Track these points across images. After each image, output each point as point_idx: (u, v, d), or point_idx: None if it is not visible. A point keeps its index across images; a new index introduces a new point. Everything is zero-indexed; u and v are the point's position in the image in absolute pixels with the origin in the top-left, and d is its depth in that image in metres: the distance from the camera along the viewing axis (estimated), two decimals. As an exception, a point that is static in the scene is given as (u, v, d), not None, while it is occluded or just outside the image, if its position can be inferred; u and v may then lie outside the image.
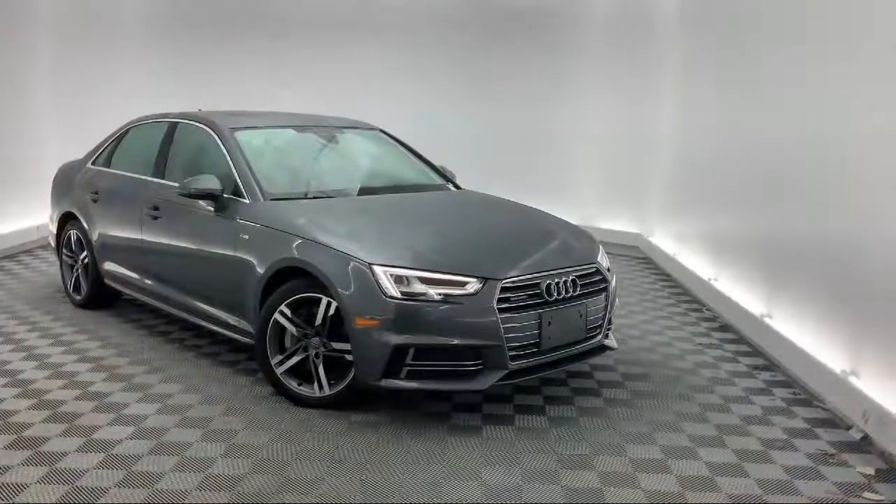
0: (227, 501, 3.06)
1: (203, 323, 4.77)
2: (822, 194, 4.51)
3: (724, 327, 5.74)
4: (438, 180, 5.49)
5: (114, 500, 3.04)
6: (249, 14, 9.55)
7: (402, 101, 9.14)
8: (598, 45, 8.98)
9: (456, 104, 9.29)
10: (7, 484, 3.16)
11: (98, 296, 5.79)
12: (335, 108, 7.13)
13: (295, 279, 4.05)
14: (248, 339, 4.40)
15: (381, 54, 9.41)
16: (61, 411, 3.92)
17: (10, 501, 3.02)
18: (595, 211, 8.98)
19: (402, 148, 5.73)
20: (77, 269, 5.91)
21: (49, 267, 7.40)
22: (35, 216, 8.42)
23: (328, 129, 5.55)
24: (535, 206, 5.15)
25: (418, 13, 9.33)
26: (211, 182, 4.48)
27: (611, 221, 8.91)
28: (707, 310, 6.22)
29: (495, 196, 5.34)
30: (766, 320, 5.11)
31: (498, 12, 9.21)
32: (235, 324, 4.47)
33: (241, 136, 4.88)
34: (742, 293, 5.68)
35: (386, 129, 5.87)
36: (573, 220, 5.17)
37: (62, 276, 6.17)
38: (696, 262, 6.91)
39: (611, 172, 9.02)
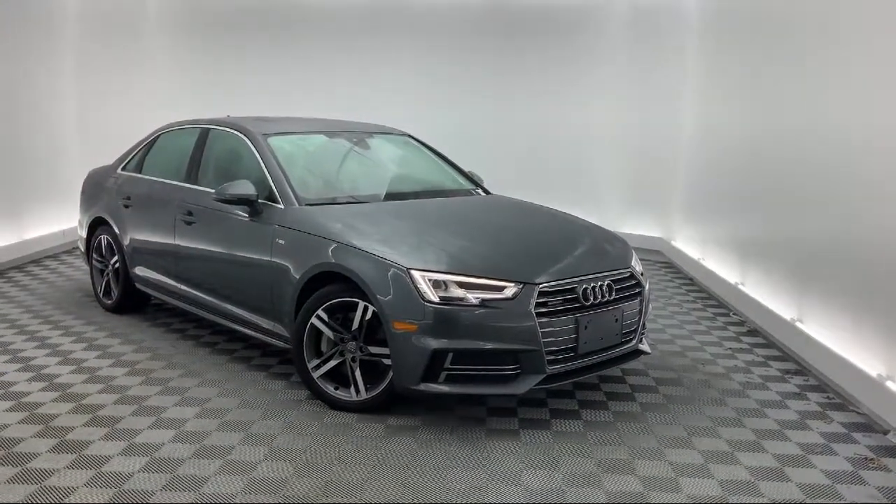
0: (273, 505, 3.09)
1: (237, 327, 4.81)
2: (853, 193, 4.49)
3: (753, 332, 5.73)
4: (467, 185, 5.51)
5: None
6: (272, 19, 9.60)
7: (421, 105, 9.18)
8: (619, 46, 8.99)
9: (475, 107, 9.31)
10: (55, 487, 3.19)
11: (128, 300, 5.84)
12: (357, 113, 7.17)
13: (332, 284, 4.08)
14: (282, 344, 4.44)
15: (402, 58, 9.45)
16: (101, 415, 3.96)
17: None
18: (616, 215, 8.98)
19: (430, 153, 5.76)
20: (107, 274, 5.95)
21: (76, 272, 7.46)
22: (60, 221, 8.49)
23: (358, 135, 5.58)
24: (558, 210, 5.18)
25: (439, 16, 9.36)
26: (246, 187, 4.52)
27: (632, 225, 8.90)
28: (734, 314, 6.21)
29: (525, 201, 5.36)
30: (798, 324, 5.10)
31: (518, 14, 9.23)
32: (270, 328, 4.50)
33: (274, 142, 4.92)
34: (771, 297, 5.67)
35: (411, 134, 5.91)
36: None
37: (92, 280, 6.22)
38: (722, 266, 6.90)
39: (632, 176, 9.03)
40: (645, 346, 4.40)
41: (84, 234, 6.25)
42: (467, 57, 9.35)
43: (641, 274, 4.41)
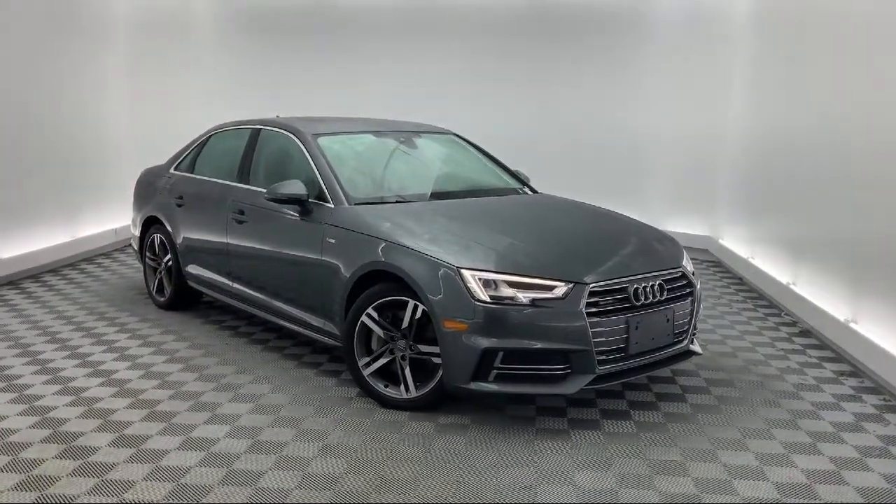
0: (328, 501, 3.12)
1: (287, 324, 4.87)
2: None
3: (806, 332, 5.64)
4: (514, 184, 5.51)
5: (219, 498, 3.13)
6: (319, 21, 9.67)
7: (467, 104, 9.17)
8: (665, 43, 8.89)
9: (521, 107, 9.29)
10: (115, 481, 3.27)
11: (180, 298, 5.95)
12: (404, 113, 7.20)
13: (382, 282, 4.11)
14: (332, 341, 4.49)
15: (448, 58, 9.44)
16: (158, 410, 4.04)
17: (120, 498, 3.13)
18: (662, 213, 8.87)
19: (476, 152, 5.77)
20: (160, 272, 6.08)
21: (127, 269, 7.62)
22: (112, 219, 8.68)
23: (405, 134, 5.61)
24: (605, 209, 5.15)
25: (485, 17, 9.35)
26: (297, 187, 4.58)
27: (679, 224, 8.78)
28: (786, 314, 6.12)
29: (573, 199, 5.35)
30: (852, 325, 5.00)
31: (564, 15, 9.18)
32: (320, 325, 4.55)
33: (324, 142, 4.97)
34: (824, 297, 5.56)
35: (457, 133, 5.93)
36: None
37: (145, 278, 6.35)
38: (772, 265, 6.79)
39: (679, 173, 8.92)
40: (696, 347, 4.36)
41: (137, 232, 6.38)
42: (513, 56, 9.32)
43: (693, 273, 4.36)
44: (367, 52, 9.59)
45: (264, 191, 4.83)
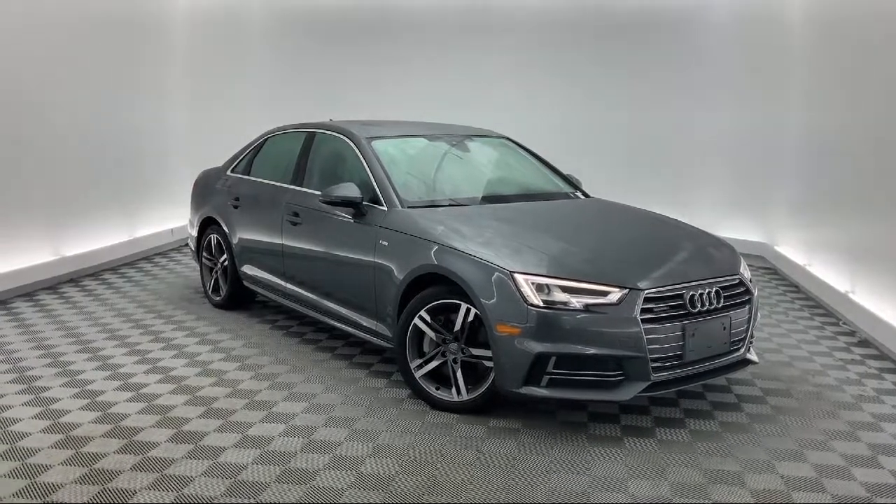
0: (382, 501, 3.15)
1: (339, 325, 4.93)
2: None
3: (865, 342, 5.50)
4: (567, 188, 5.49)
5: (274, 495, 3.18)
6: (372, 24, 9.75)
7: (520, 108, 9.16)
8: (718, 45, 8.75)
9: (574, 110, 9.23)
10: (174, 476, 3.34)
11: (235, 297, 6.06)
12: (456, 116, 7.21)
13: (435, 285, 4.13)
14: (383, 343, 4.53)
15: (501, 62, 9.43)
16: (215, 408, 4.12)
17: (179, 493, 3.20)
18: (716, 218, 8.73)
19: (528, 155, 5.76)
20: (216, 272, 6.20)
21: (184, 269, 7.78)
22: (170, 220, 8.87)
23: (458, 138, 5.64)
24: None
25: (533, 19, 9.32)
26: (351, 190, 4.63)
27: (733, 230, 8.63)
28: (844, 323, 5.98)
29: (626, 204, 5.30)
30: (915, 336, 4.88)
31: (614, 17, 9.10)
32: (372, 327, 4.59)
33: (378, 146, 5.02)
34: (884, 306, 5.42)
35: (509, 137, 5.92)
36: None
37: (202, 277, 6.48)
38: (830, 273, 6.64)
39: (733, 178, 8.78)
40: (753, 356, 4.28)
41: (195, 233, 6.52)
42: (564, 60, 9.27)
43: (750, 281, 4.29)
44: (421, 55, 9.63)
45: (319, 193, 4.90)
